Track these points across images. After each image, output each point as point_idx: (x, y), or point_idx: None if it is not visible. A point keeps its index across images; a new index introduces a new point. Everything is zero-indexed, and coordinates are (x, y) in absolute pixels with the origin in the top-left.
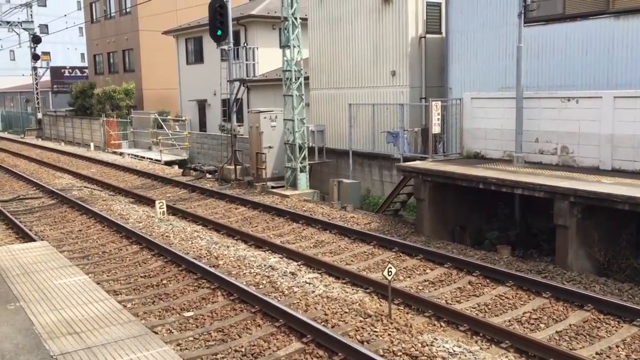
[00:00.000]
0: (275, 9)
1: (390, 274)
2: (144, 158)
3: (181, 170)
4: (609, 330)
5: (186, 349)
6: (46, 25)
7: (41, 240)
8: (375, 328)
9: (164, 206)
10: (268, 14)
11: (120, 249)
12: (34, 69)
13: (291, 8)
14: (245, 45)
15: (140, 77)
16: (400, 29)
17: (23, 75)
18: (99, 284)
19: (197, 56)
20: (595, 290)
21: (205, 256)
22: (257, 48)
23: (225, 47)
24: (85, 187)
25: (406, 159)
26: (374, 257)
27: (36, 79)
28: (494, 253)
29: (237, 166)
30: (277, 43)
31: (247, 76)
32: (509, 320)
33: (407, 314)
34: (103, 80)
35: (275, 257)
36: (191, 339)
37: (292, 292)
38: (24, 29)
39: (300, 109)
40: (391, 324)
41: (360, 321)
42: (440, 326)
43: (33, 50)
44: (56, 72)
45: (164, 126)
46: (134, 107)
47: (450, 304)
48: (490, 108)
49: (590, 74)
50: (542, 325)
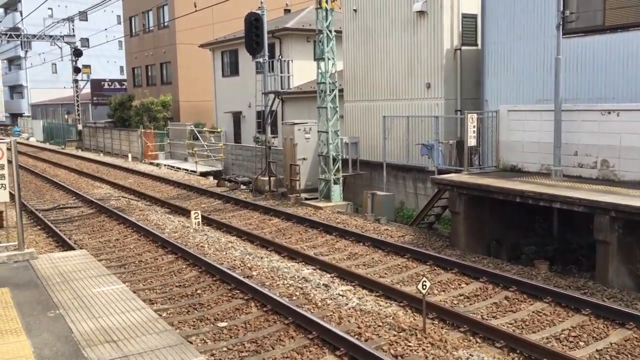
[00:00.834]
0: (309, 21)
1: (424, 287)
2: (179, 169)
3: (216, 181)
4: None
5: (220, 359)
6: (87, 39)
7: (80, 248)
8: (410, 342)
9: (199, 216)
10: (303, 26)
11: (156, 259)
12: (75, 81)
13: (326, 21)
14: (280, 57)
15: (177, 90)
16: (435, 41)
17: (64, 87)
18: (135, 292)
19: (233, 69)
20: (637, 308)
21: (239, 267)
22: (292, 60)
23: (261, 60)
24: (122, 197)
25: (441, 172)
26: (408, 270)
27: (77, 92)
28: (531, 268)
29: (271, 177)
30: (312, 55)
31: (282, 88)
32: (547, 338)
33: (442, 328)
34: (141, 93)
35: (308, 269)
36: (225, 349)
37: (326, 304)
38: (66, 42)
39: (334, 121)
40: (425, 338)
41: (394, 335)
42: (476, 342)
43: (74, 63)
44: (96, 85)
45: (200, 138)
46: (170, 119)
47: (486, 320)
48: (528, 121)
49: (631, 86)
50: (582, 343)
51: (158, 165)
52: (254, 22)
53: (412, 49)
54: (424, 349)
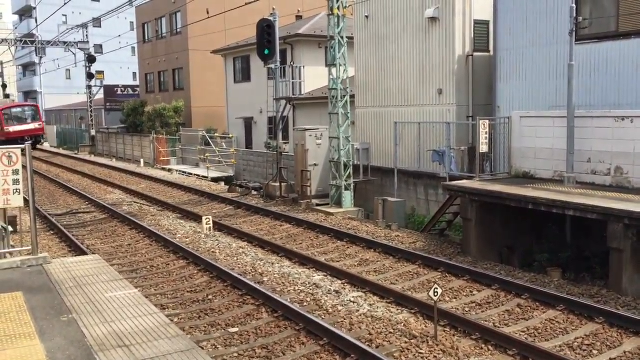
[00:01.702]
0: (321, 28)
1: (436, 294)
2: (191, 174)
3: (227, 187)
4: None
5: None
6: (100, 46)
7: (93, 253)
8: (421, 350)
9: (211, 222)
10: (314, 33)
11: (168, 264)
12: (89, 87)
13: (337, 27)
14: (291, 64)
15: (190, 95)
16: (447, 47)
17: (78, 93)
18: (147, 297)
19: (245, 75)
20: None
21: (250, 272)
22: (304, 67)
23: (272, 66)
24: (135, 203)
25: (452, 178)
26: (419, 277)
27: (90, 97)
28: (544, 276)
29: (283, 183)
30: (323, 61)
31: (293, 94)
32: (560, 346)
33: (454, 336)
34: (154, 99)
35: (319, 275)
36: (236, 355)
37: (337, 311)
38: (79, 49)
39: (345, 127)
40: (437, 345)
41: (406, 342)
42: (488, 349)
43: (88, 69)
44: (109, 91)
45: (212, 143)
46: (182, 125)
47: (498, 327)
48: (540, 127)
49: None
50: (595, 352)
51: (170, 170)
52: (266, 29)
53: (424, 55)
54: (435, 356)
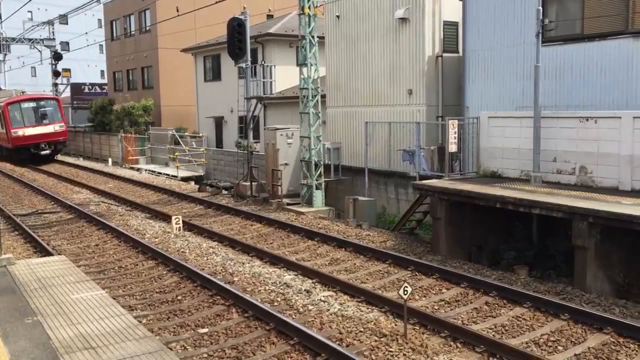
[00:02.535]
0: (292, 27)
1: (406, 293)
2: (160, 174)
3: (197, 187)
4: (629, 354)
5: None
6: (67, 43)
7: (59, 254)
8: (391, 348)
9: (180, 222)
10: (285, 32)
11: (136, 264)
12: (55, 85)
13: (309, 27)
14: (262, 63)
15: (159, 94)
16: (417, 48)
17: (44, 91)
18: (115, 299)
19: (215, 74)
20: (614, 313)
21: (220, 272)
22: (274, 66)
23: (243, 65)
24: (102, 202)
25: (422, 177)
26: (390, 276)
27: (57, 95)
28: (511, 273)
29: (253, 183)
30: (294, 61)
31: (264, 94)
32: (527, 342)
33: (423, 334)
34: (122, 97)
35: (290, 275)
36: (205, 355)
37: (307, 310)
38: (45, 46)
39: (316, 126)
40: (407, 344)
41: (376, 340)
42: (457, 347)
43: (54, 67)
44: (76, 89)
45: (181, 142)
46: (152, 124)
47: (467, 325)
48: (508, 127)
49: (608, 94)
50: (560, 348)
51: (139, 170)
52: (236, 27)
53: (394, 55)
54: (404, 354)
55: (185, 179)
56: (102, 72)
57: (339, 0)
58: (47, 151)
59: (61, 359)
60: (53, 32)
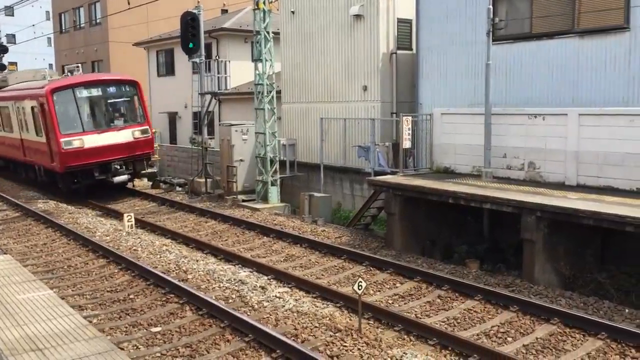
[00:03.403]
0: (247, 22)
1: (360, 288)
2: None
3: (151, 183)
4: (575, 343)
5: None
6: (13, 35)
7: (4, 254)
8: (345, 342)
9: (132, 219)
10: (240, 27)
11: (87, 263)
12: None
13: (263, 22)
14: (217, 58)
15: None
16: (371, 45)
17: None
18: (63, 298)
19: (169, 68)
20: (561, 304)
21: (173, 270)
22: (229, 61)
23: (197, 60)
24: (50, 200)
25: (377, 173)
26: (345, 271)
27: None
28: (463, 267)
29: (208, 179)
30: (249, 56)
31: (219, 89)
32: (478, 334)
33: (377, 328)
34: None
35: (245, 271)
36: (158, 354)
37: (262, 307)
38: None
39: (271, 122)
40: (361, 338)
41: (331, 336)
42: (410, 340)
43: None
44: None
45: None
46: None
47: (420, 318)
48: (460, 124)
49: (556, 91)
50: (510, 339)
51: None
52: (190, 22)
53: (349, 51)
54: (359, 349)
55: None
56: (51, 66)
57: None
58: (124, 176)
59: None
60: None
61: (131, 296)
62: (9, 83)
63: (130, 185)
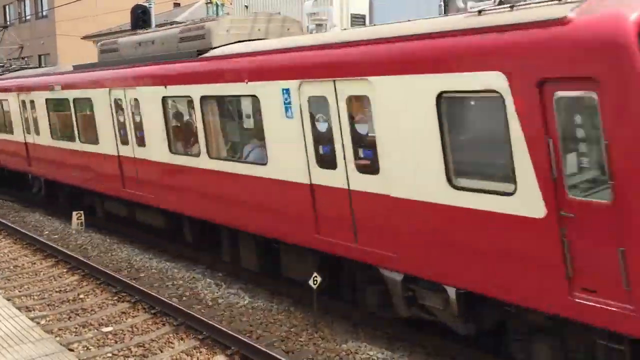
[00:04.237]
0: (199, 16)
1: (315, 283)
2: None
3: None
4: None
5: None
6: None
7: None
8: (301, 338)
9: (82, 217)
10: (193, 21)
11: (34, 263)
12: None
13: (216, 16)
14: None
15: None
16: None
17: None
18: (9, 300)
19: None
20: None
21: (125, 269)
22: None
23: None
24: None
25: None
26: None
27: None
28: None
29: None
30: None
31: None
32: None
33: (333, 322)
34: None
35: (199, 268)
36: (110, 355)
37: (217, 304)
38: None
39: None
40: (316, 333)
41: (286, 331)
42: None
43: None
44: None
45: None
46: None
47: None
48: None
49: None
50: None
51: None
52: (141, 15)
53: None
54: (314, 344)
55: None
56: None
57: None
58: None
59: None
60: None
61: (81, 296)
62: None
63: None
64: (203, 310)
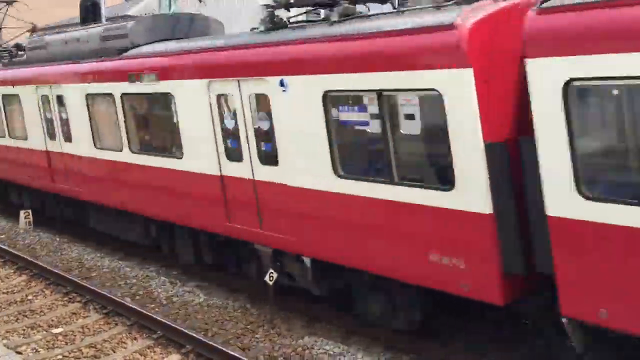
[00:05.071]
0: (153, 9)
1: (271, 279)
2: None
3: None
4: None
5: None
6: None
7: None
8: (257, 334)
9: (30, 216)
10: (146, 14)
11: None
12: None
13: (169, 9)
14: None
15: None
16: None
17: None
18: None
19: None
20: None
21: (76, 268)
22: None
23: None
24: None
25: None
26: None
27: None
28: None
29: None
30: None
31: None
32: None
33: (290, 318)
34: None
35: (153, 267)
36: (60, 357)
37: (171, 302)
38: None
39: None
40: (272, 329)
41: (242, 328)
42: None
43: None
44: None
45: None
46: None
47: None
48: None
49: None
50: None
51: None
52: (90, 8)
53: None
54: (270, 339)
55: None
56: None
57: None
58: None
59: None
60: None
61: (29, 297)
62: None
63: None
64: (157, 309)
